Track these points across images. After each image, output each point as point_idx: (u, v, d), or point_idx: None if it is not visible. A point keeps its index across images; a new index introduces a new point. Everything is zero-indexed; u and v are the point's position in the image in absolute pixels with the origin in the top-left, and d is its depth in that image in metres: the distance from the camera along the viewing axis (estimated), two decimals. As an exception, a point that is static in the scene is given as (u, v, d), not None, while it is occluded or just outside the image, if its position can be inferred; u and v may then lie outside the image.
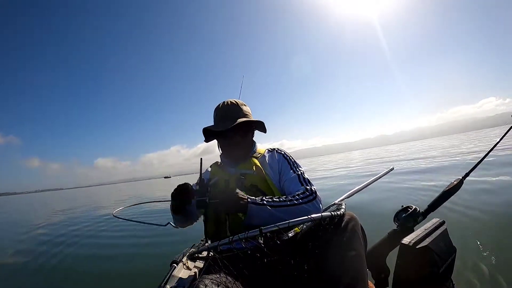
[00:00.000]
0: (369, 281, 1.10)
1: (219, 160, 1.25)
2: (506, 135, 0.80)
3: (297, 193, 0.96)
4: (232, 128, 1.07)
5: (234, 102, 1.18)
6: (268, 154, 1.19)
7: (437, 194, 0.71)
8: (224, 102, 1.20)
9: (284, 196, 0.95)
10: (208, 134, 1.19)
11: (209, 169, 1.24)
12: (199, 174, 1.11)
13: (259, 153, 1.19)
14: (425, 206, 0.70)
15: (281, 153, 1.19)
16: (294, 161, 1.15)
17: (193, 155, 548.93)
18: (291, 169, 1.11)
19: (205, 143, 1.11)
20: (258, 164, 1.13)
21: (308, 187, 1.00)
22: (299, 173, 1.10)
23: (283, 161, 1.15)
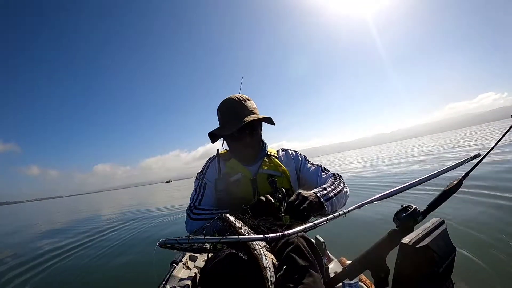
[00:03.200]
0: (369, 281, 1.10)
1: (222, 150, 1.20)
2: (505, 136, 0.80)
3: (332, 179, 1.06)
4: (240, 131, 1.03)
5: (237, 99, 1.09)
6: (282, 154, 1.22)
7: (437, 194, 0.71)
8: (226, 99, 1.12)
9: (330, 183, 1.01)
10: (215, 138, 1.16)
11: (222, 162, 1.14)
12: (217, 170, 1.10)
13: (273, 153, 1.21)
14: (425, 206, 0.70)
15: (295, 151, 1.24)
16: (305, 156, 1.21)
17: (192, 159, 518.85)
18: (309, 163, 1.18)
19: (203, 147, 1.09)
20: (283, 166, 1.14)
21: (333, 173, 1.11)
22: (318, 164, 1.18)
23: (300, 158, 1.20)
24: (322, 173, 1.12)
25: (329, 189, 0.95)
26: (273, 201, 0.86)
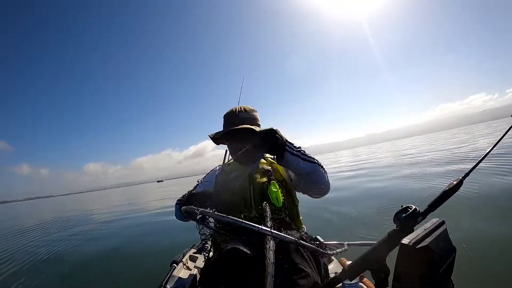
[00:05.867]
0: (369, 281, 1.10)
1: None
2: (505, 136, 0.80)
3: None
4: (226, 137, 1.18)
5: (234, 110, 1.27)
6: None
7: (437, 194, 0.71)
8: (231, 109, 1.29)
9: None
10: (216, 140, 1.29)
11: (226, 166, 1.34)
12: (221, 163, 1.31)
13: (269, 156, 1.34)
14: (425, 206, 0.70)
15: None
16: None
17: (184, 158, 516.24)
18: None
19: (195, 146, 1.17)
20: (275, 161, 1.27)
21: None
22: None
23: None
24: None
25: (307, 154, 1.00)
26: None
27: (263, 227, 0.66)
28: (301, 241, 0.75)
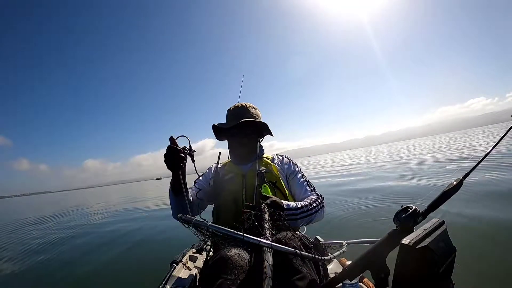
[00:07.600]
0: (369, 281, 1.10)
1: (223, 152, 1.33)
2: (505, 136, 0.80)
3: (312, 199, 1.13)
4: (237, 127, 1.17)
5: (244, 104, 1.27)
6: (276, 158, 1.34)
7: (437, 194, 0.71)
8: (240, 103, 1.30)
9: (304, 203, 1.07)
10: (218, 133, 1.29)
11: (222, 168, 1.31)
12: (215, 167, 1.24)
13: (268, 157, 1.33)
14: (425, 206, 0.70)
15: (289, 158, 1.34)
16: (300, 168, 1.31)
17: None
18: (300, 173, 1.27)
19: (195, 145, 1.19)
20: (271, 163, 1.27)
21: (318, 194, 1.18)
22: (307, 179, 1.26)
23: (291, 165, 1.29)
24: (308, 188, 1.22)
25: (303, 208, 1.04)
26: (179, 148, 0.95)
27: (263, 240, 0.66)
28: (301, 252, 0.75)
